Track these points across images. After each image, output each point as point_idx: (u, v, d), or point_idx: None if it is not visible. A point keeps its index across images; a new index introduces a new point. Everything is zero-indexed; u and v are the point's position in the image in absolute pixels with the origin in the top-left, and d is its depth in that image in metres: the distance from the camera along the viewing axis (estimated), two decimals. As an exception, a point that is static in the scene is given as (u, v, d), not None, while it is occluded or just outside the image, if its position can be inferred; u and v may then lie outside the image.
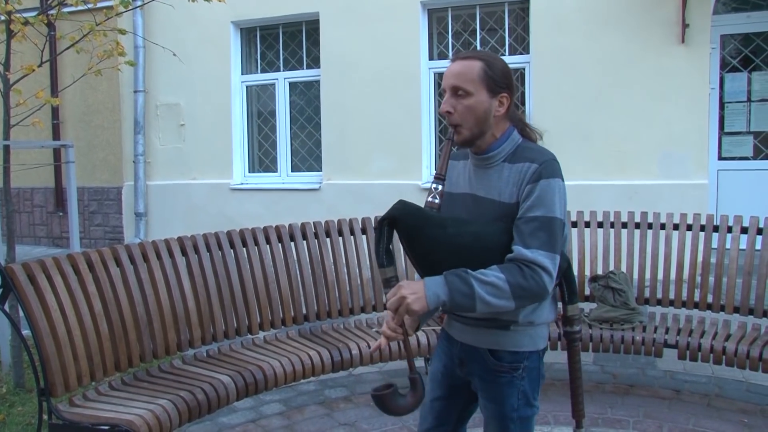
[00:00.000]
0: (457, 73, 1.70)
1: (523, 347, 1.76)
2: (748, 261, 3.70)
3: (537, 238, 1.60)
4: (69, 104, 8.12)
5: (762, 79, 5.87)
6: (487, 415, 1.84)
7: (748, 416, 3.41)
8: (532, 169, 1.65)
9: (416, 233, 1.64)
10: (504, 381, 1.77)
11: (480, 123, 1.70)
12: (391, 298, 1.60)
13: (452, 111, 1.70)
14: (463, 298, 1.58)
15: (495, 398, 1.79)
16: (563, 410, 3.52)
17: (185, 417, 2.69)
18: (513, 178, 1.67)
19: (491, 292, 1.58)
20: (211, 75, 7.42)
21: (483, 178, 1.73)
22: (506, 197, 1.67)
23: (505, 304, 1.60)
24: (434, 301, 1.59)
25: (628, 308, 3.79)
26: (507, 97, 1.74)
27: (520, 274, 1.59)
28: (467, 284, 1.58)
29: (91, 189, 8.19)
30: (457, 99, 1.70)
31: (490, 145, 1.73)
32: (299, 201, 7.01)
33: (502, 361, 1.76)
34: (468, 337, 1.81)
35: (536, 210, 1.62)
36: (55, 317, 2.67)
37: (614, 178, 5.84)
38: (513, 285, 1.59)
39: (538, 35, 6.06)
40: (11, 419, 3.42)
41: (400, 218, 1.64)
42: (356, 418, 3.51)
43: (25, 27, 3.83)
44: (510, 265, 1.61)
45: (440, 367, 1.94)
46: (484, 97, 1.70)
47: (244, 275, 3.48)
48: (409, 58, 6.49)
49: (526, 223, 1.62)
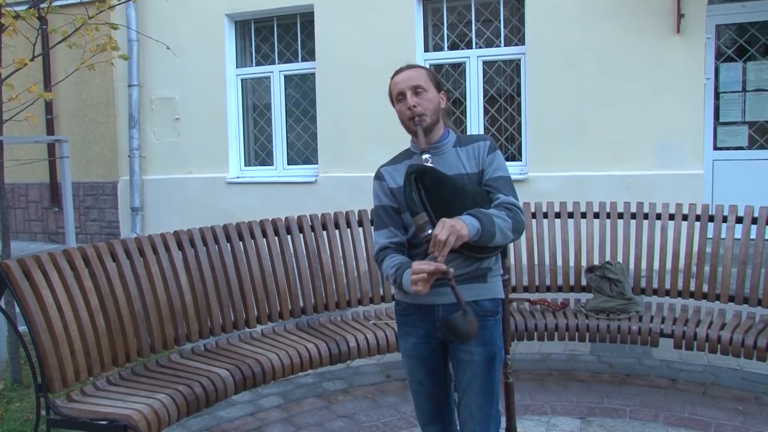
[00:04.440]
0: (412, 76, 2.14)
1: (498, 294, 2.14)
2: (743, 250, 3.72)
3: (508, 189, 2.10)
4: (62, 99, 8.07)
5: (757, 69, 5.87)
6: (478, 360, 2.07)
7: (743, 404, 3.44)
8: (486, 144, 2.14)
9: (441, 182, 2.01)
10: (490, 324, 2.10)
11: (436, 112, 2.15)
12: (441, 231, 1.83)
13: (417, 105, 2.10)
14: (490, 226, 1.95)
15: (485, 341, 2.08)
16: (560, 400, 3.54)
17: (183, 411, 2.70)
18: (471, 154, 2.14)
19: (502, 224, 1.99)
20: (205, 68, 7.38)
21: (440, 162, 2.11)
22: (470, 169, 2.13)
23: (510, 234, 2.02)
24: (473, 228, 1.91)
25: (624, 298, 3.81)
26: (445, 93, 2.21)
27: (512, 213, 2.04)
28: (489, 218, 1.97)
29: (86, 184, 8.15)
30: (418, 95, 2.11)
31: (441, 136, 2.18)
32: (295, 194, 7.00)
33: (485, 308, 2.09)
34: (449, 297, 2.01)
35: (500, 171, 2.12)
36: (52, 313, 2.67)
37: (610, 169, 5.84)
38: (512, 219, 2.02)
39: (534, 26, 6.04)
40: (9, 415, 3.42)
41: (428, 170, 1.99)
42: (354, 411, 3.52)
43: (16, 21, 3.80)
44: (501, 208, 2.05)
45: (416, 341, 2.17)
46: (434, 93, 2.15)
47: (241, 269, 3.48)
48: (405, 50, 6.45)
49: (496, 181, 2.10)
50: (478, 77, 6.41)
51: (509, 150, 6.44)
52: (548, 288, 4.11)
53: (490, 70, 6.46)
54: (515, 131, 6.37)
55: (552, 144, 5.97)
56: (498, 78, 6.48)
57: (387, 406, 3.56)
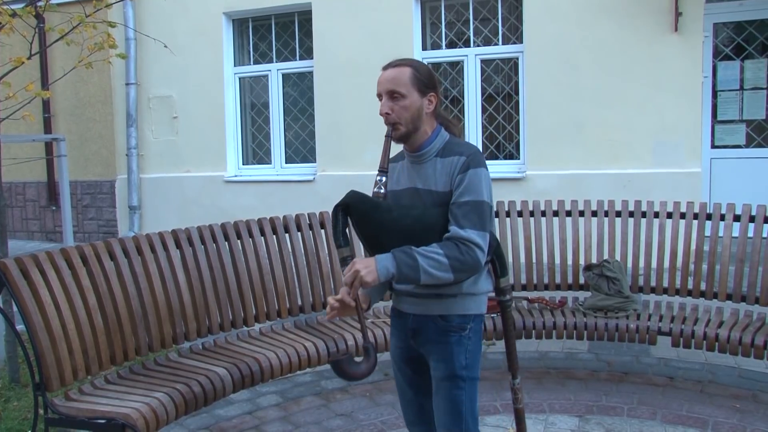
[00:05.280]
0: (391, 78, 1.93)
1: (469, 311, 1.97)
2: (741, 248, 3.72)
3: (469, 219, 1.84)
4: (60, 97, 8.05)
5: (754, 67, 5.87)
6: (438, 377, 1.98)
7: (741, 401, 3.45)
8: (461, 161, 1.89)
9: (367, 217, 1.89)
10: (453, 340, 1.96)
11: (414, 120, 1.93)
12: (347, 273, 1.81)
13: (390, 112, 1.93)
14: (409, 270, 1.80)
15: (446, 357, 1.96)
16: (558, 399, 3.55)
17: (182, 410, 2.70)
18: (445, 170, 1.91)
19: (432, 264, 1.81)
20: (203, 67, 7.37)
21: (420, 173, 1.96)
22: (440, 187, 1.91)
23: (444, 275, 1.82)
24: (384, 273, 1.80)
25: (622, 296, 3.81)
26: (434, 95, 1.97)
27: (457, 250, 1.82)
28: (412, 258, 1.81)
29: (84, 183, 8.14)
30: (393, 101, 1.92)
31: (422, 143, 1.97)
32: (293, 193, 6.99)
33: (452, 323, 1.96)
34: (419, 309, 1.99)
35: (467, 195, 1.86)
36: (50, 312, 2.67)
37: (608, 167, 5.85)
38: (451, 259, 1.82)
39: (532, 24, 6.05)
40: (7, 414, 3.41)
41: (353, 204, 1.89)
42: (353, 409, 3.52)
43: (12, 19, 3.78)
44: (448, 243, 1.84)
45: (397, 342, 2.13)
46: (415, 98, 1.93)
47: (239, 267, 3.48)
48: (402, 49, 6.45)
49: (459, 207, 1.86)
50: (476, 76, 6.41)
51: (507, 148, 6.44)
52: (546, 286, 4.11)
53: (488, 68, 6.46)
54: (513, 129, 6.37)
55: (550, 142, 5.97)
56: (496, 76, 6.48)
57: (385, 405, 3.56)
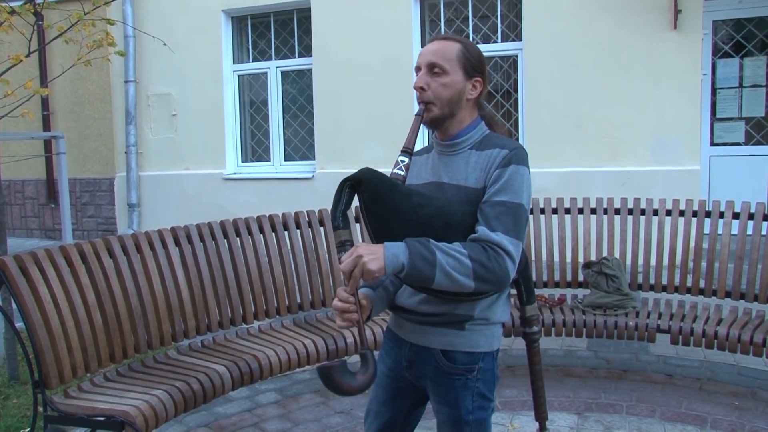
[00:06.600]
0: (435, 50, 1.66)
1: (478, 348, 1.65)
2: (740, 246, 3.72)
3: (502, 222, 1.53)
4: (59, 95, 8.05)
5: (754, 65, 5.88)
6: (441, 419, 1.72)
7: (740, 399, 3.45)
8: (503, 154, 1.59)
9: (380, 198, 1.53)
10: (458, 384, 1.66)
11: (452, 103, 1.65)
12: (346, 259, 1.46)
13: (426, 88, 1.65)
14: (425, 264, 1.47)
15: (449, 402, 1.68)
16: (557, 396, 3.55)
17: (181, 407, 2.70)
18: (481, 164, 1.61)
19: (453, 265, 1.48)
20: (202, 64, 7.36)
21: (449, 165, 1.67)
22: (472, 182, 1.61)
23: (464, 281, 1.49)
24: (393, 262, 1.46)
25: (621, 294, 3.81)
26: (481, 81, 1.71)
27: (484, 255, 1.50)
28: (430, 251, 1.48)
29: (83, 180, 8.13)
30: (432, 76, 1.65)
31: (458, 132, 1.68)
32: (292, 190, 6.99)
33: (456, 362, 1.65)
34: (419, 338, 1.70)
35: (504, 194, 1.55)
36: (49, 309, 2.66)
37: (607, 165, 5.85)
38: (476, 262, 1.49)
39: (531, 22, 6.04)
40: (6, 412, 3.41)
41: (366, 180, 1.53)
42: (352, 407, 3.53)
43: (11, 16, 3.78)
44: (473, 244, 1.52)
45: (385, 370, 1.80)
46: (459, 77, 1.66)
47: (238, 265, 3.48)
48: (401, 46, 6.45)
49: (492, 207, 1.55)
50: (476, 73, 6.41)
51: (506, 146, 6.44)
52: (545, 284, 4.11)
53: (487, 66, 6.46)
54: (512, 127, 6.36)
55: (549, 140, 5.97)
56: (495, 74, 6.48)
57: (384, 402, 3.57)
